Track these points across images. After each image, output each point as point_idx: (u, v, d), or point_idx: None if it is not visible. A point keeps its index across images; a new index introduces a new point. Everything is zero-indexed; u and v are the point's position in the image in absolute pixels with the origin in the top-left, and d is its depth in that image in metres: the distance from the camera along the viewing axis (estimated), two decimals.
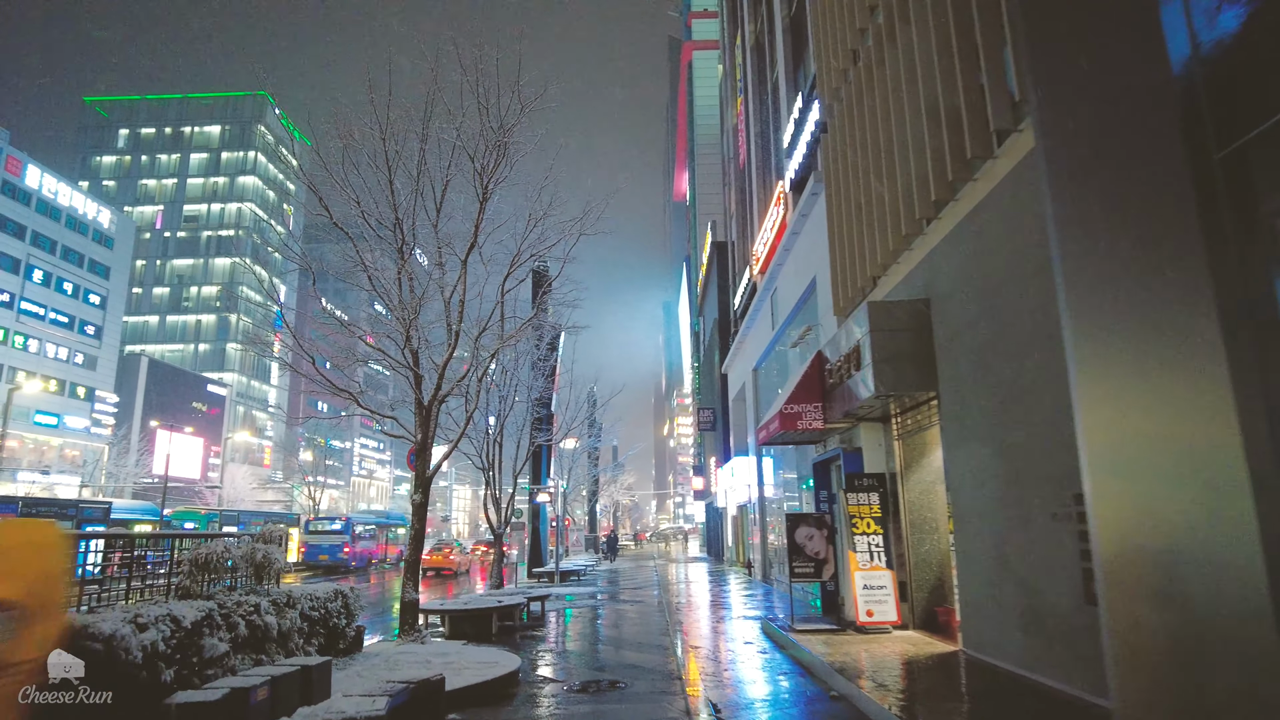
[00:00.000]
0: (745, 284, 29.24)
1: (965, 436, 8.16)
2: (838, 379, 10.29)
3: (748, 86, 30.89)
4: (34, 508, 21.47)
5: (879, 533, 10.35)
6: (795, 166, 19.01)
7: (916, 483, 10.59)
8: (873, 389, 8.74)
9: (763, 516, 25.19)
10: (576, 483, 36.03)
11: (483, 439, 18.31)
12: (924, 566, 10.38)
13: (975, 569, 8.04)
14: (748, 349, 27.97)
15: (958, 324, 8.27)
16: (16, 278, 61.53)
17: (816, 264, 15.79)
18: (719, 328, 37.88)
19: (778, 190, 21.31)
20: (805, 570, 10.85)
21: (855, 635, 9.97)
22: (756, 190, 27.76)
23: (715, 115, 55.22)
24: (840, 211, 12.26)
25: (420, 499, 12.01)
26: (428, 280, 12.32)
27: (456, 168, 12.15)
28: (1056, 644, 6.47)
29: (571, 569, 25.53)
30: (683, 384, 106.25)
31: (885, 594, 10.08)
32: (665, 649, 10.85)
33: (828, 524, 11.02)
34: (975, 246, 7.91)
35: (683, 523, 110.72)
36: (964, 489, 8.25)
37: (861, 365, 9.23)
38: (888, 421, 10.92)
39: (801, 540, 10.85)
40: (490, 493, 18.68)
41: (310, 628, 8.64)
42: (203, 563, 6.92)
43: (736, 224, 33.98)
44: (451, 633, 12.85)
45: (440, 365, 12.09)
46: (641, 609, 16.54)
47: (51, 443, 63.66)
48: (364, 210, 12.01)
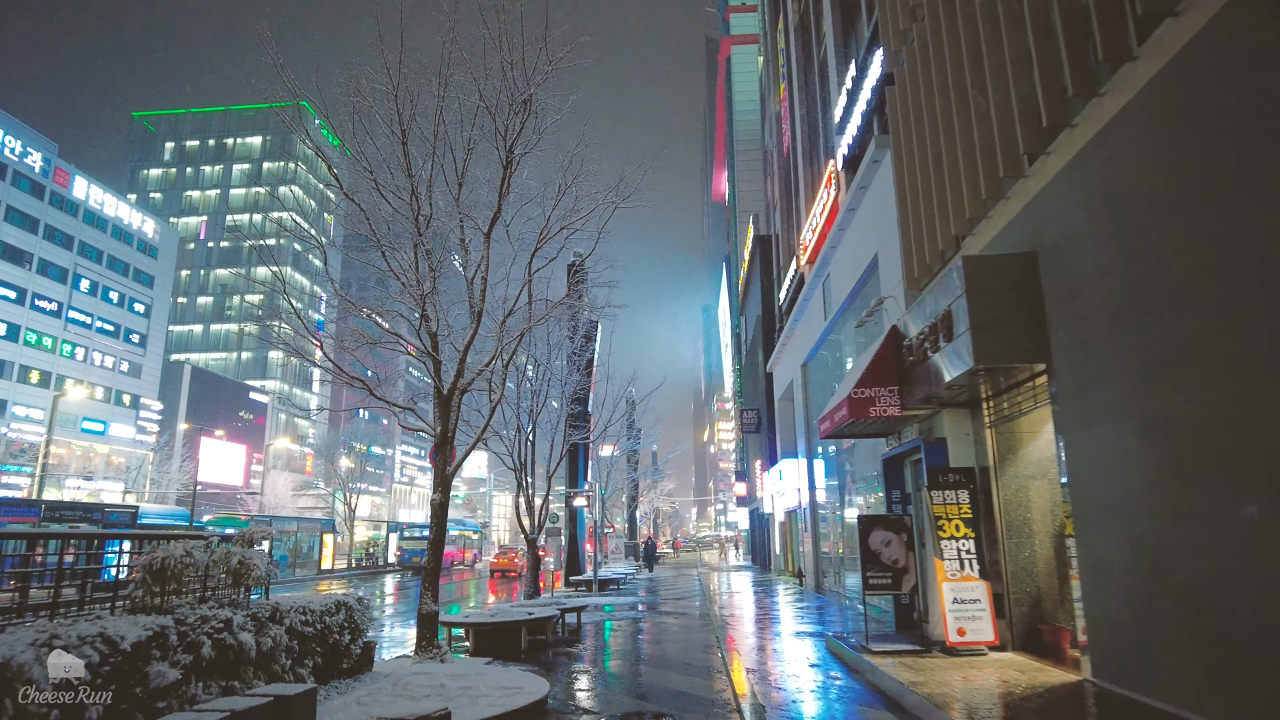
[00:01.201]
0: (791, 277, 27.69)
1: (1092, 416, 6.57)
2: (919, 356, 8.74)
3: (791, 71, 29.43)
4: (56, 511, 20.81)
5: (970, 536, 8.76)
6: (848, 142, 17.64)
7: (1012, 478, 8.97)
8: (971, 362, 7.19)
9: (814, 522, 23.52)
10: (615, 488, 34.67)
11: (514, 437, 17.03)
12: (1023, 576, 8.76)
13: (1107, 580, 6.43)
14: (795, 344, 26.37)
15: (1079, 277, 6.69)
16: (64, 287, 62.50)
17: (878, 239, 14.31)
18: (762, 325, 36.28)
19: (828, 171, 19.87)
20: (881, 581, 9.28)
21: (944, 658, 8.39)
22: (803, 176, 26.30)
23: (755, 109, 53.81)
24: (912, 170, 10.74)
25: (440, 499, 10.73)
26: (447, 253, 11.07)
27: (479, 131, 10.90)
28: (1247, 677, 4.87)
29: (611, 577, 24.14)
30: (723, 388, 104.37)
31: (979, 609, 8.48)
32: (717, 671, 9.38)
33: (907, 527, 9.44)
34: (1104, 177, 6.35)
35: (724, 530, 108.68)
36: (1090, 481, 6.66)
37: (954, 335, 7.68)
38: (977, 407, 9.33)
39: (877, 546, 9.30)
40: (523, 495, 17.39)
41: (303, 646, 7.37)
42: (158, 570, 5.67)
43: (780, 215, 32.48)
44: (476, 648, 11.54)
45: (461, 349, 10.81)
46: (687, 622, 15.06)
47: (98, 449, 64.41)
48: (377, 179, 10.83)
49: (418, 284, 10.38)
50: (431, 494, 10.85)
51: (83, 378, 62.40)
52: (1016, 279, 7.38)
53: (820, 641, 11.16)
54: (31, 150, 59.81)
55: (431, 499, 10.81)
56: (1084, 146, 6.63)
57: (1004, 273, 7.43)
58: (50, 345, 60.92)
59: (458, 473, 11.34)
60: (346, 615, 8.51)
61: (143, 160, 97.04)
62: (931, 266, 10.17)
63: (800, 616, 15.26)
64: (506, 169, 10.89)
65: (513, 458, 16.97)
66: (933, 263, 10.08)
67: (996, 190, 8.06)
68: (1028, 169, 7.61)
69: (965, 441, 9.43)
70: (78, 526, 21.49)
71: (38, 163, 60.36)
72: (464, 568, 49.20)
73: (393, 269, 10.78)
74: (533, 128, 11.16)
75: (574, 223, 11.57)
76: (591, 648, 11.98)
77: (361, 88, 10.25)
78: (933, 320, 8.26)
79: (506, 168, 10.89)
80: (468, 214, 11.14)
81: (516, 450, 16.99)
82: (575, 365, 18.34)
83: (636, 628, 14.28)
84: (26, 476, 49.74)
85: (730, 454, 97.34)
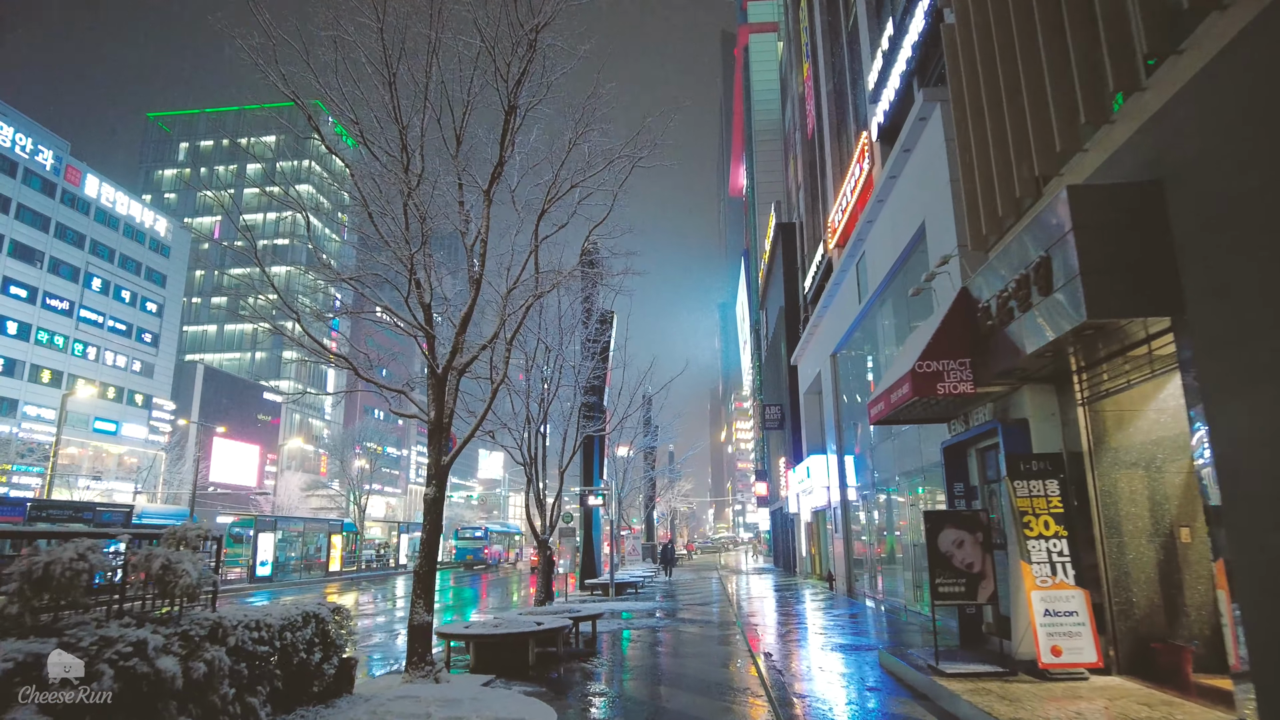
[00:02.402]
0: (817, 263, 26.22)
1: (1245, 379, 5.08)
2: (1000, 319, 7.26)
3: (816, 47, 27.97)
4: (44, 509, 19.69)
5: (1062, 535, 7.27)
6: (884, 109, 16.28)
7: (1112, 465, 7.48)
8: (1082, 315, 5.71)
9: (846, 522, 21.99)
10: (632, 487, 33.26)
11: (523, 429, 15.66)
12: (1128, 583, 7.25)
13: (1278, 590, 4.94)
14: (823, 333, 24.85)
15: (1223, 207, 5.22)
16: (76, 286, 61.96)
17: (925, 205, 12.88)
18: (785, 317, 34.76)
19: (860, 144, 18.48)
20: (953, 589, 7.80)
21: (1036, 683, 6.91)
22: (830, 156, 24.87)
23: (774, 97, 52.33)
24: (977, 113, 9.26)
25: (434, 493, 9.37)
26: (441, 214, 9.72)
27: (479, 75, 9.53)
28: None
29: (628, 581, 22.72)
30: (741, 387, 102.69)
31: (1077, 623, 6.99)
32: (755, 695, 7.95)
33: (984, 525, 7.95)
34: (1256, 81, 4.88)
35: (743, 531, 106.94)
36: (1245, 461, 5.17)
37: (1053, 286, 6.21)
38: (1065, 381, 7.84)
39: (947, 548, 7.82)
40: (533, 492, 16.01)
41: (255, 669, 6.01)
42: (39, 578, 4.33)
43: (805, 200, 31.01)
44: (478, 664, 10.17)
45: (459, 322, 9.45)
46: (713, 632, 13.63)
47: (110, 450, 63.82)
48: (362, 129, 9.50)
49: (406, 244, 9.02)
50: (425, 488, 9.49)
51: (94, 377, 61.78)
52: (1137, 213, 5.90)
53: (871, 658, 9.68)
54: (43, 148, 59.27)
55: (425, 493, 9.45)
56: (1236, 36, 5.15)
57: (1121, 205, 5.95)
58: (62, 344, 60.35)
59: (474, 473, 10.03)
60: (317, 629, 7.15)
61: (157, 161, 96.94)
62: (1004, 221, 8.69)
63: (838, 626, 13.78)
64: (508, 118, 9.52)
65: (522, 452, 15.58)
66: (1006, 216, 8.59)
67: (1100, 111, 6.57)
68: (1144, 80, 6.13)
69: (1050, 423, 7.93)
70: (68, 527, 20.39)
71: (49, 160, 59.81)
72: (509, 565, 54.08)
73: (380, 233, 9.43)
74: (539, 78, 9.79)
75: (585, 180, 10.17)
76: (608, 663, 10.58)
77: (342, 17, 8.89)
78: (1020, 273, 6.78)
79: (508, 116, 9.51)
80: (465, 168, 9.77)
81: (526, 444, 15.60)
82: (590, 352, 16.94)
83: (658, 638, 12.86)
84: (38, 477, 49.11)
85: (749, 454, 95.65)
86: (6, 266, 55.64)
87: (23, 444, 50.94)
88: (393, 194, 9.63)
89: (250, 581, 29.27)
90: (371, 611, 19.64)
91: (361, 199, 9.61)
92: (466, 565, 48.33)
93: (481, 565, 48.39)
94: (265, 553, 30.05)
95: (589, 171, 10.18)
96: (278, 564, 31.16)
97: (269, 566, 30.11)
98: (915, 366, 7.96)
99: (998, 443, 8.32)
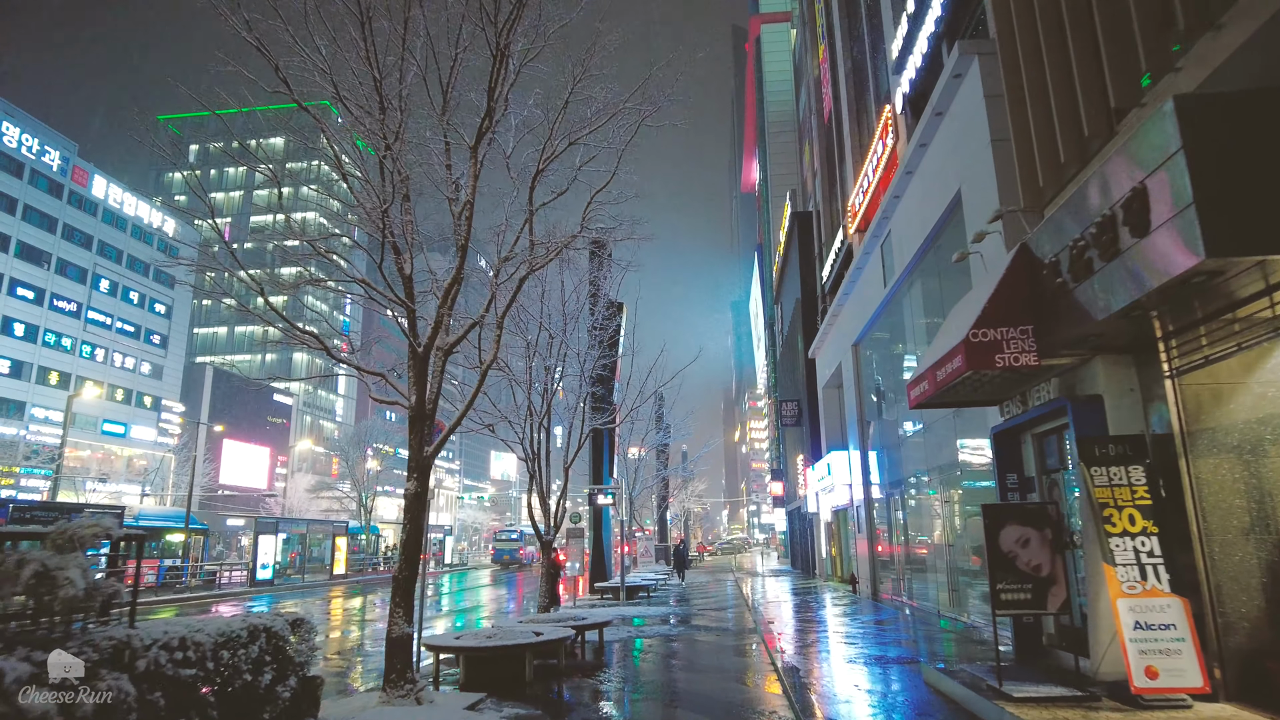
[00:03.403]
0: (836, 250, 25.00)
1: None
2: (1076, 273, 6.07)
3: (833, 26, 26.78)
4: (27, 512, 18.79)
5: (1152, 533, 6.08)
6: (910, 78, 15.25)
7: (1210, 448, 6.27)
8: (1200, 253, 4.54)
9: (870, 522, 20.77)
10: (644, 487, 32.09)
11: (524, 422, 14.55)
12: (1237, 591, 6.04)
13: None
14: (843, 323, 23.64)
15: None
16: (84, 287, 61.52)
17: (961, 171, 11.80)
18: (802, 309, 33.54)
19: (883, 118, 17.37)
20: (1018, 596, 6.60)
21: (1126, 711, 5.72)
22: (849, 137, 23.72)
23: (788, 87, 51.15)
24: (1031, 51, 8.10)
25: (415, 488, 8.28)
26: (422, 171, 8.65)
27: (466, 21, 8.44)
28: None
29: (640, 584, 21.58)
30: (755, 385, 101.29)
31: (1176, 639, 5.79)
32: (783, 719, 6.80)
33: (1053, 520, 6.75)
34: None
35: (758, 533, 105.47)
36: None
37: (1150, 226, 5.03)
38: (1148, 351, 6.64)
39: (1010, 547, 6.64)
40: (536, 489, 14.90)
41: (178, 699, 4.93)
42: None
43: (822, 187, 29.82)
44: (468, 680, 9.08)
45: (442, 295, 8.37)
46: (733, 643, 12.48)
47: (119, 452, 63.35)
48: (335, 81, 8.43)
49: (380, 202, 7.94)
50: (406, 482, 8.40)
51: (103, 379, 61.38)
52: (1262, 128, 4.72)
53: (913, 675, 8.49)
54: (49, 148, 58.87)
55: (405, 488, 8.37)
56: None
57: (1244, 117, 4.77)
58: (69, 346, 59.89)
59: (487, 475, 8.97)
60: (268, 645, 6.05)
61: (169, 163, 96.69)
62: (1066, 170, 7.52)
63: (867, 634, 12.58)
64: (497, 64, 8.42)
65: (523, 446, 14.47)
66: (1070, 164, 7.42)
67: (1205, 8, 5.39)
68: None
69: (1130, 399, 6.74)
70: None
71: (55, 161, 59.40)
72: (540, 565, 55.90)
73: (353, 190, 8.36)
74: (535, 25, 8.70)
75: (585, 136, 9.05)
76: (616, 677, 9.45)
77: None
78: (1103, 215, 5.60)
79: (497, 62, 8.41)
80: (451, 125, 8.68)
81: (528, 438, 14.49)
82: (596, 339, 15.80)
83: (671, 649, 11.72)
84: (46, 480, 48.55)
85: (763, 453, 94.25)
86: (13, 268, 55.21)
87: (30, 446, 50.40)
88: (370, 152, 8.57)
89: (251, 585, 28.35)
90: (371, 619, 18.60)
91: (335, 157, 8.56)
92: (503, 564, 52.82)
93: (516, 564, 52.35)
94: (266, 556, 29.11)
95: (590, 126, 9.05)
96: (279, 568, 30.24)
97: (270, 570, 29.18)
98: (969, 335, 6.79)
99: (1063, 425, 7.14)
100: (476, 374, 16.47)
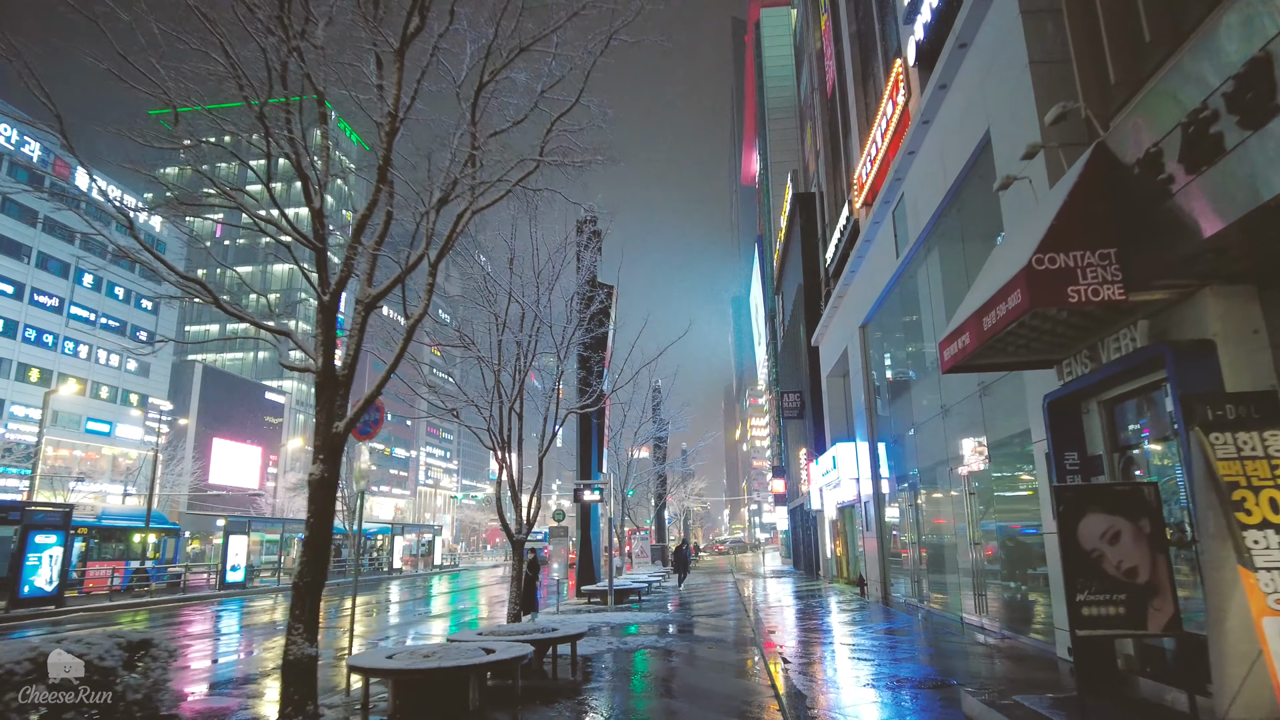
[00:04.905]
0: (841, 228, 23.28)
1: None
2: (1199, 155, 4.35)
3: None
4: None
5: None
6: (924, 23, 13.62)
7: None
8: None
9: (879, 519, 19.05)
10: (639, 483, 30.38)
11: (491, 404, 12.83)
12: None
13: None
14: (850, 305, 21.95)
15: None
16: (66, 281, 59.83)
17: (990, 109, 10.30)
18: (804, 295, 31.85)
19: (894, 74, 15.78)
20: (1107, 610, 4.86)
21: None
22: (854, 107, 22.08)
23: (788, 73, 49.58)
24: None
25: (321, 473, 6.57)
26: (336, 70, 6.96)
27: None
28: None
29: (629, 587, 19.84)
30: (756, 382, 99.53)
31: None
32: None
33: (1152, 508, 5.03)
34: None
35: (759, 532, 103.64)
36: None
37: None
38: (1276, 281, 4.92)
39: (1093, 544, 4.91)
40: (506, 480, 13.17)
41: None
42: None
43: (825, 166, 28.17)
44: (398, 711, 7.36)
45: (354, 228, 6.67)
46: (733, 659, 10.76)
47: (104, 451, 61.68)
48: None
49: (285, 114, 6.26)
50: (311, 465, 6.67)
51: (86, 376, 59.72)
52: None
53: (949, 707, 6.74)
54: (29, 139, 57.16)
55: (310, 472, 6.65)
56: None
57: None
58: (51, 342, 58.22)
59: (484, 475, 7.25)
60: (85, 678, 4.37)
61: (159, 158, 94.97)
62: (1152, 54, 5.80)
63: (884, 646, 10.86)
64: None
65: (490, 433, 12.74)
66: (1157, 45, 5.71)
67: None
68: None
69: (1253, 344, 5.01)
70: None
71: (35, 152, 57.69)
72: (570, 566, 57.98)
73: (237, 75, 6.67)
74: None
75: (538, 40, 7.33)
76: (583, 706, 7.72)
77: None
78: (1237, 71, 3.89)
79: None
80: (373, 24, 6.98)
81: (495, 422, 12.77)
82: (575, 312, 14.04)
83: (656, 667, 10.00)
84: (24, 479, 46.85)
85: (764, 451, 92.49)
86: None
87: (5, 445, 48.70)
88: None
89: (220, 589, 26.64)
90: (334, 626, 16.88)
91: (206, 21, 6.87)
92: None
93: (542, 563, 53.77)
94: (237, 557, 27.39)
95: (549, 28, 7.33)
96: (252, 569, 28.54)
97: (240, 572, 27.45)
98: (1031, 261, 5.07)
99: (1152, 385, 5.42)
100: (451, 353, 14.82)
